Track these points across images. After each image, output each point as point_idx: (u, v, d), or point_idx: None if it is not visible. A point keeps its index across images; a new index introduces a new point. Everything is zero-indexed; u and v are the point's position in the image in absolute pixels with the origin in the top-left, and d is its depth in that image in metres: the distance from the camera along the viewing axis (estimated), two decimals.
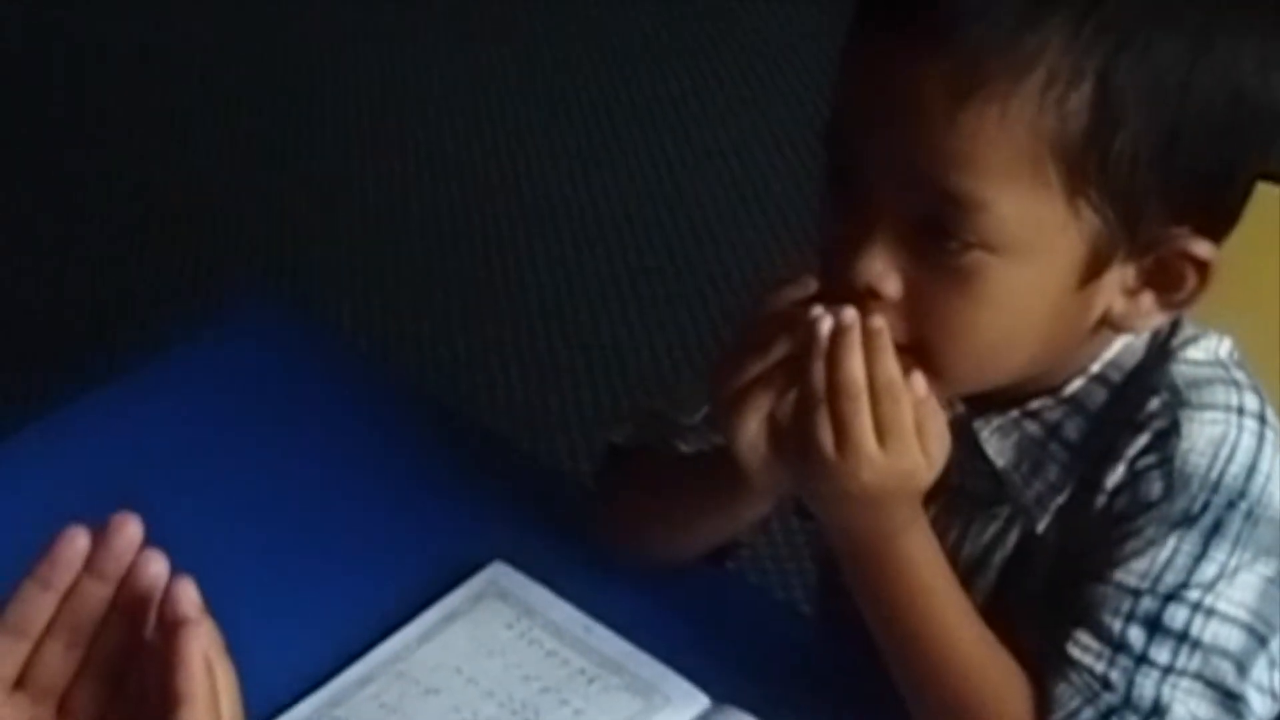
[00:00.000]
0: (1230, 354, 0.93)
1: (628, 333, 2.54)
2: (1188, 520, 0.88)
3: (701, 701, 0.97)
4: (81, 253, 2.77)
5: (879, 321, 0.85)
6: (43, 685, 0.70)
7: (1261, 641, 0.88)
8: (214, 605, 0.76)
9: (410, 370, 2.30)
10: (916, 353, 0.87)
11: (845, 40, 0.87)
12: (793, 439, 0.87)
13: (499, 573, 1.05)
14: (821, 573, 1.09)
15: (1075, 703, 0.88)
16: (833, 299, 0.86)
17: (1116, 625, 0.88)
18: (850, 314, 0.85)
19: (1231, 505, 0.88)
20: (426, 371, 2.40)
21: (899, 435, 0.85)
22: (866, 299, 0.85)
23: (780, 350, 0.87)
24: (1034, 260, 0.84)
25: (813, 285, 0.87)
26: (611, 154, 3.04)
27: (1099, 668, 0.88)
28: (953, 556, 0.93)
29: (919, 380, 0.86)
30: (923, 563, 0.90)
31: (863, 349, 0.85)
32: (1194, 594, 0.88)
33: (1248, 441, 0.89)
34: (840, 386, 0.85)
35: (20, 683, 0.69)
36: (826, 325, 0.85)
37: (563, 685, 0.98)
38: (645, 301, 2.61)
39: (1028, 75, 0.80)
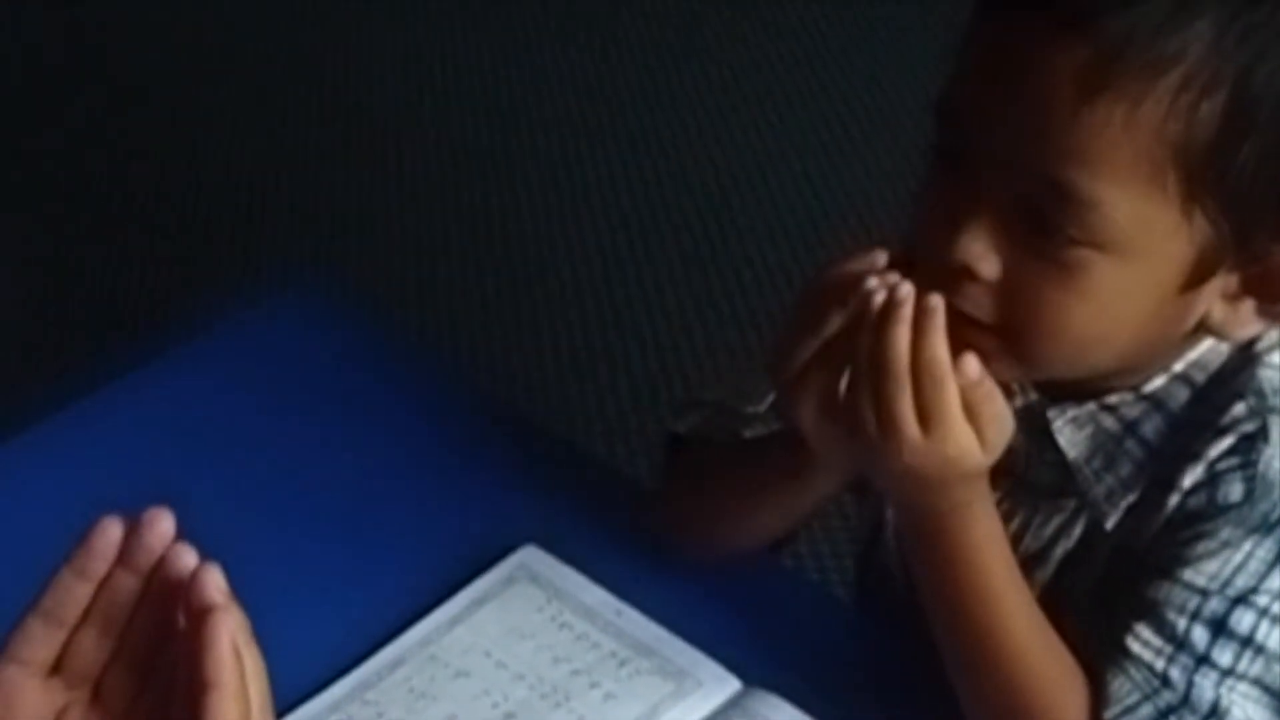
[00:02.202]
0: None
1: (666, 322, 2.53)
2: (1266, 526, 0.87)
3: (733, 685, 0.97)
4: (132, 241, 2.78)
5: (934, 300, 0.83)
6: (78, 671, 0.70)
7: None
8: (248, 588, 0.77)
9: (448, 356, 2.30)
10: (1003, 335, 0.85)
11: (972, 15, 0.85)
12: (845, 415, 0.86)
13: (530, 556, 1.05)
14: (863, 552, 1.09)
15: (1133, 698, 0.87)
16: (925, 276, 0.84)
17: (1181, 623, 0.87)
18: (906, 288, 0.83)
19: None
20: (464, 357, 2.40)
21: (941, 419, 0.84)
22: (961, 278, 0.84)
23: (834, 324, 0.86)
24: (1139, 262, 0.82)
25: (881, 260, 0.85)
26: (652, 143, 3.03)
27: (1159, 664, 0.87)
28: (1012, 548, 0.92)
29: (971, 362, 0.84)
30: (982, 543, 0.89)
31: (913, 327, 0.83)
32: (1263, 599, 0.86)
33: None
34: (883, 364, 0.83)
35: (56, 668, 0.70)
36: (880, 298, 0.83)
37: (593, 668, 0.98)
38: (684, 291, 2.61)
39: (1163, 77, 0.78)
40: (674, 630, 0.99)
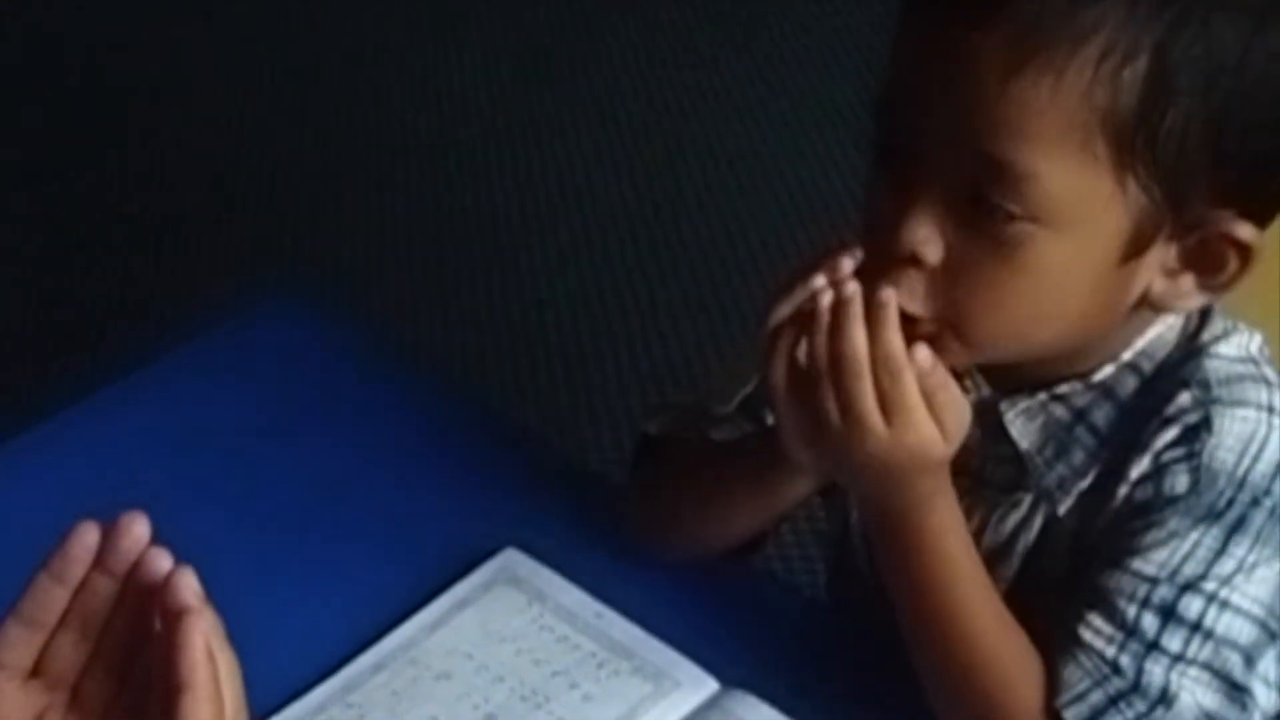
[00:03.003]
0: (1261, 350, 0.93)
1: (655, 325, 2.54)
2: (1212, 515, 0.88)
3: (710, 686, 0.98)
4: (113, 248, 2.78)
5: (887, 294, 0.85)
6: (56, 675, 0.71)
7: (1272, 636, 0.89)
8: (232, 592, 0.78)
9: (430, 360, 2.30)
10: (949, 321, 0.87)
11: (900, 9, 0.87)
12: (807, 411, 0.88)
13: (511, 559, 1.06)
14: (832, 556, 1.10)
15: (1084, 685, 0.89)
16: (874, 268, 0.86)
17: (1131, 611, 0.88)
18: (852, 287, 0.85)
19: (1256, 503, 0.88)
20: (446, 361, 2.40)
21: (902, 409, 0.85)
22: (907, 266, 0.85)
23: (783, 313, 0.88)
24: (1077, 234, 0.84)
25: (859, 254, 0.87)
26: (643, 147, 3.03)
27: (1110, 652, 0.88)
28: (975, 546, 0.93)
29: (922, 352, 0.85)
30: (943, 533, 0.90)
31: (867, 322, 0.85)
32: (1210, 585, 0.88)
33: (1276, 440, 0.89)
34: (841, 360, 0.85)
35: (35, 671, 0.71)
36: (827, 299, 0.86)
37: (573, 670, 0.99)
38: (675, 293, 2.61)
39: (1083, 47, 0.80)
40: (653, 631, 1.00)
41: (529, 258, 2.72)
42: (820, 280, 0.86)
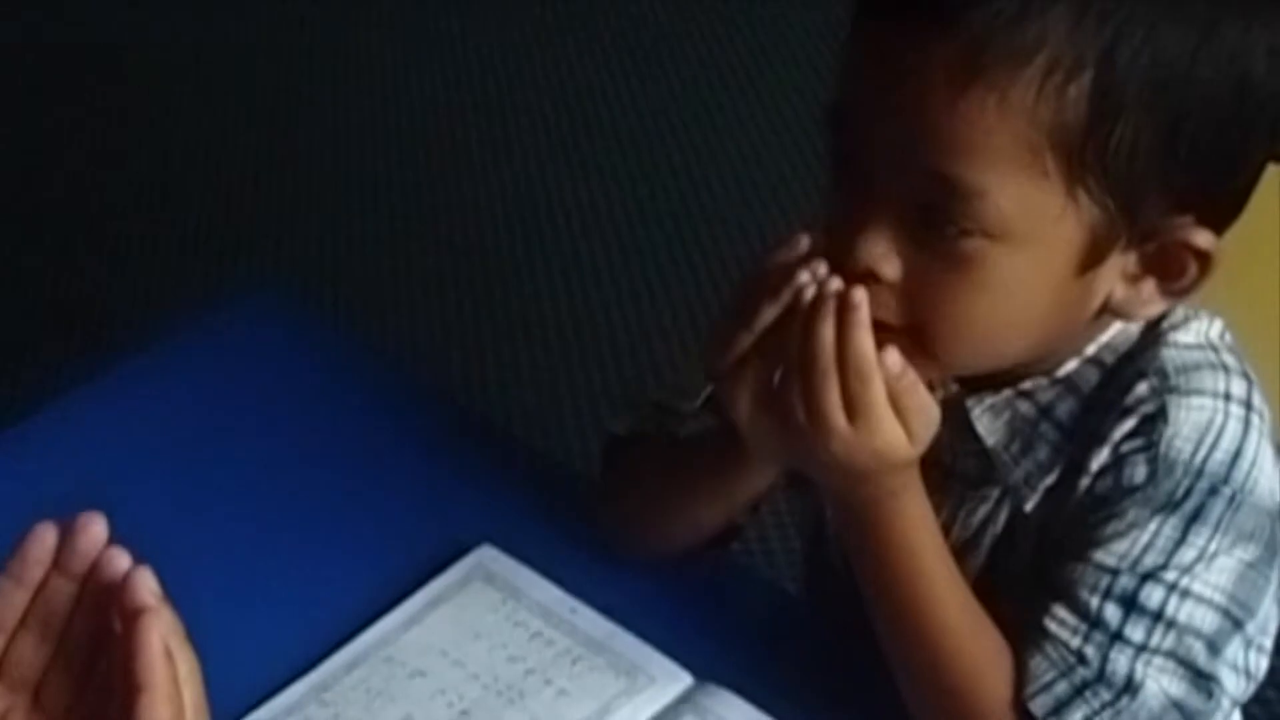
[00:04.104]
0: (1221, 336, 0.93)
1: (639, 323, 2.54)
2: (1170, 505, 0.88)
3: (685, 680, 0.98)
4: (82, 252, 2.78)
5: (859, 295, 0.84)
6: (17, 676, 0.71)
7: (1237, 624, 0.89)
8: (205, 591, 0.78)
9: (404, 358, 2.30)
10: (915, 334, 0.87)
11: (850, 25, 0.87)
12: (776, 405, 0.88)
13: (486, 556, 1.06)
14: (807, 550, 1.10)
15: (1050, 675, 0.89)
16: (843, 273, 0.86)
17: (1094, 602, 0.89)
18: (835, 283, 0.85)
19: (1214, 491, 0.88)
20: (421, 359, 2.40)
21: (868, 412, 0.85)
22: (867, 281, 0.85)
23: (768, 317, 0.87)
24: (1032, 248, 0.84)
25: (804, 244, 0.87)
26: (621, 144, 3.03)
27: (1074, 642, 0.89)
28: (944, 538, 0.93)
29: (893, 356, 0.85)
30: (912, 528, 0.91)
31: (838, 322, 0.84)
32: (1171, 575, 0.88)
33: (1233, 428, 0.89)
34: (810, 357, 0.85)
35: None
36: (809, 292, 0.85)
37: (547, 666, 0.99)
38: (657, 291, 2.62)
39: (1028, 64, 0.80)
40: (628, 627, 1.00)
41: (502, 257, 2.72)
42: (805, 275, 0.86)
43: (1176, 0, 0.81)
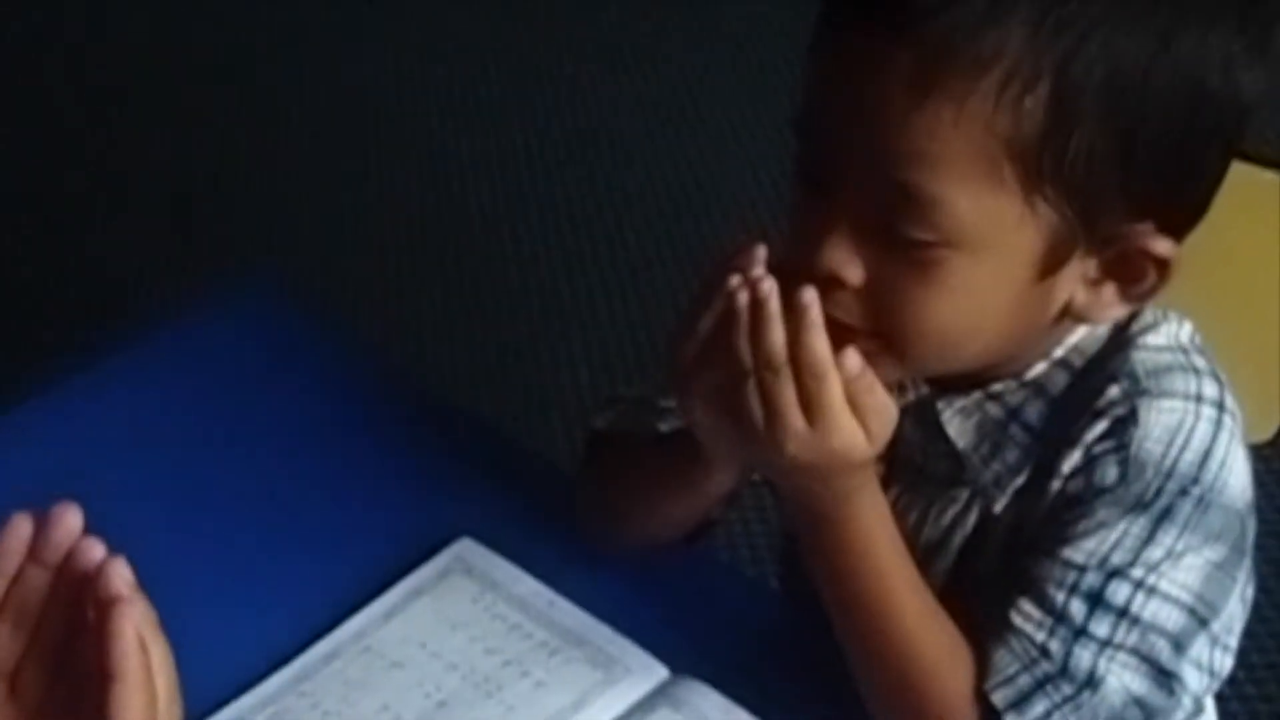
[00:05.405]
0: (1191, 338, 0.94)
1: (626, 319, 2.55)
2: (1140, 505, 0.89)
3: (661, 673, 0.98)
4: (65, 243, 2.79)
5: (809, 296, 0.85)
6: None
7: (1202, 623, 0.90)
8: (185, 583, 0.78)
9: (385, 351, 2.30)
10: (879, 338, 0.88)
11: (812, 34, 0.88)
12: (727, 408, 0.88)
13: (465, 548, 1.06)
14: (784, 545, 1.11)
15: (1013, 668, 0.89)
16: (800, 281, 0.86)
17: (1059, 597, 0.89)
18: (767, 284, 0.85)
19: (1184, 492, 0.89)
20: (402, 353, 2.40)
21: (825, 412, 0.86)
22: (831, 287, 0.86)
23: (706, 323, 0.88)
24: (991, 255, 0.85)
25: (761, 252, 0.87)
26: (610, 141, 3.04)
27: (1039, 636, 0.89)
28: (913, 539, 0.94)
29: (851, 357, 0.86)
30: (869, 527, 0.91)
31: (790, 324, 0.85)
32: (1138, 572, 0.89)
33: (1204, 429, 0.90)
34: (762, 359, 0.86)
35: None
36: (743, 298, 0.86)
37: (525, 658, 1.00)
38: (645, 288, 2.62)
39: (985, 74, 0.80)
40: (605, 619, 1.01)
41: (484, 253, 2.73)
42: (735, 280, 0.86)
43: (1133, 11, 0.82)
